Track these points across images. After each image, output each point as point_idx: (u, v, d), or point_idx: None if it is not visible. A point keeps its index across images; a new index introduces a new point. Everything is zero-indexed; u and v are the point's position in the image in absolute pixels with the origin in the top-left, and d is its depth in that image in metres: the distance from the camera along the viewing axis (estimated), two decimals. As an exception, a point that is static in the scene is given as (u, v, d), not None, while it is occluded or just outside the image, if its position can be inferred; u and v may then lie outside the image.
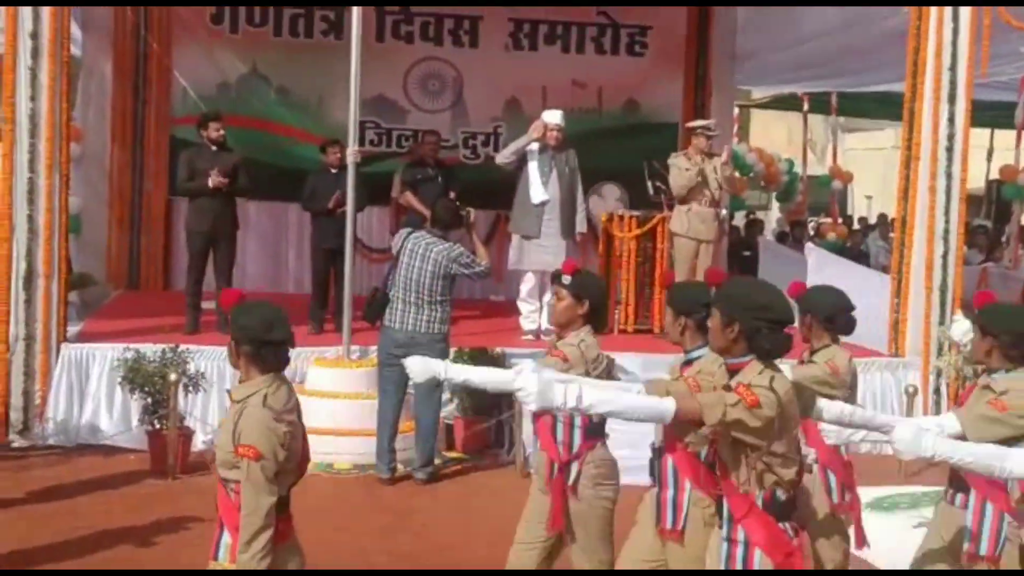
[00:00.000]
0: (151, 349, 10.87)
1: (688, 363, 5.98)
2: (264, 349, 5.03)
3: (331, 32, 16.06)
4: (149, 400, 10.62)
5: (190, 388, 10.65)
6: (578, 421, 6.31)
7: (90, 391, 11.15)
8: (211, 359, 11.20)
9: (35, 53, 10.79)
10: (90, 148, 15.49)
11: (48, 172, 10.85)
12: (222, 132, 12.35)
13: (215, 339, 11.36)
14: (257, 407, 4.91)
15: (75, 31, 13.82)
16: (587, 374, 6.19)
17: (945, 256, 12.18)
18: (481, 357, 11.27)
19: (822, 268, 14.34)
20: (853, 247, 21.27)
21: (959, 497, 6.00)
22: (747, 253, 18.79)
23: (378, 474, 10.31)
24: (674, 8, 16.83)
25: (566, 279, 6.51)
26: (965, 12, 11.97)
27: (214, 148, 12.33)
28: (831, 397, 6.34)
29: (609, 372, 6.47)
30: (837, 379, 6.64)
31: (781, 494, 4.91)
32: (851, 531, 6.90)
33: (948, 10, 11.97)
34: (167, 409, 10.41)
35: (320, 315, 12.76)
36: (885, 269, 14.76)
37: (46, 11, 10.80)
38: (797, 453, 5.02)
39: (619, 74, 16.89)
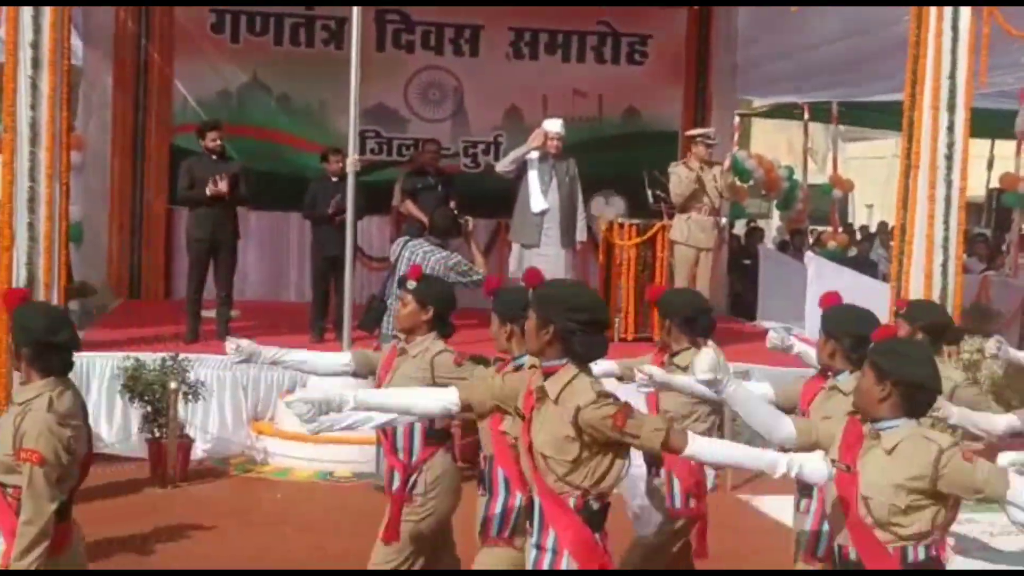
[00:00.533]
0: (151, 357, 10.89)
1: (517, 368, 5.87)
2: (47, 352, 5.00)
3: (332, 41, 16.09)
4: (149, 408, 10.64)
5: (190, 397, 10.66)
6: (418, 427, 6.28)
7: (90, 399, 11.10)
8: (211, 368, 11.22)
9: (35, 63, 10.79)
10: (91, 157, 15.51)
11: (48, 181, 10.85)
12: (218, 142, 12.35)
13: (215, 348, 11.34)
14: (41, 411, 4.89)
15: (76, 41, 13.85)
16: (433, 382, 6.21)
17: (945, 264, 12.16)
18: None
19: (822, 276, 14.34)
20: (860, 256, 21.21)
21: (803, 503, 6.07)
22: (747, 261, 18.79)
23: (378, 482, 10.30)
24: (674, 17, 16.87)
25: (411, 284, 6.51)
26: (964, 20, 11.96)
27: (214, 157, 12.35)
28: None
29: None
30: None
31: (594, 502, 4.87)
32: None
33: (947, 19, 11.96)
34: (167, 418, 10.42)
35: (320, 323, 12.77)
36: (885, 277, 14.75)
37: (46, 21, 10.81)
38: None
39: (619, 83, 16.92)
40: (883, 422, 4.83)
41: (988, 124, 19.01)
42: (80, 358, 11.05)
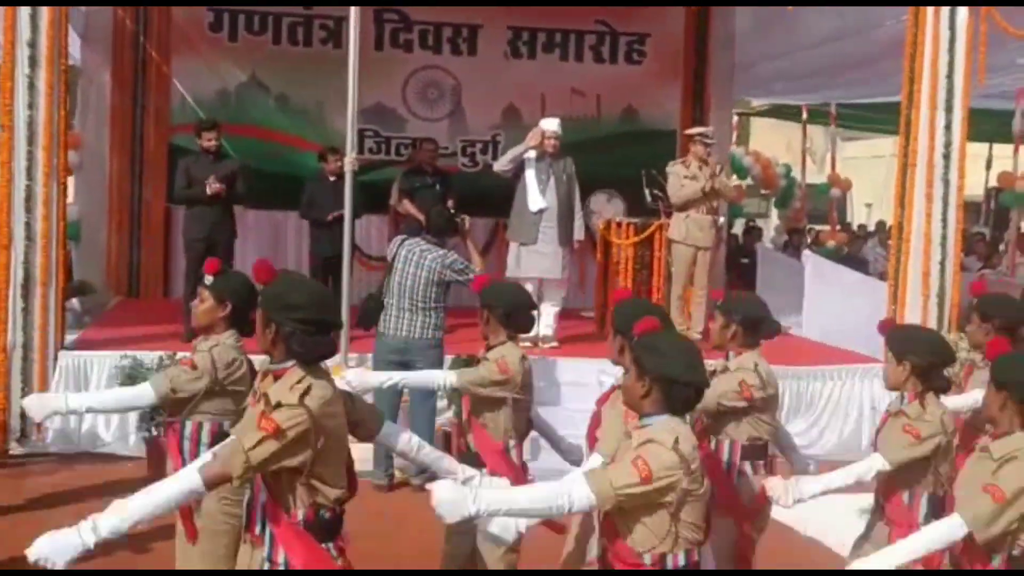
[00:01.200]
0: (149, 356, 10.90)
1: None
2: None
3: (330, 40, 16.09)
4: (146, 408, 10.62)
5: (186, 395, 10.64)
6: (205, 435, 6.07)
7: (89, 399, 11.15)
8: (209, 366, 11.20)
9: (32, 62, 10.80)
10: (89, 156, 15.53)
11: (46, 180, 10.85)
12: (214, 142, 12.34)
13: (213, 346, 11.35)
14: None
15: (74, 40, 13.85)
16: (218, 380, 6.01)
17: (942, 263, 12.19)
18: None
19: (819, 275, 14.37)
20: (851, 254, 21.26)
21: None
22: (745, 260, 18.81)
23: (376, 481, 10.32)
24: (672, 16, 16.89)
25: (208, 279, 6.11)
26: (962, 19, 11.99)
27: (211, 156, 12.35)
28: (500, 397, 6.61)
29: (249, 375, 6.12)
30: (506, 377, 6.64)
31: (325, 513, 4.75)
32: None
33: (945, 18, 11.99)
34: (164, 416, 10.41)
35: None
36: (883, 276, 14.77)
37: (43, 20, 10.82)
38: (347, 471, 4.83)
39: (617, 82, 16.93)
40: (645, 418, 4.70)
41: (986, 126, 19.03)
42: (78, 357, 11.17)
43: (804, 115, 23.82)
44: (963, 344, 11.80)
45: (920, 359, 5.76)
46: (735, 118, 23.07)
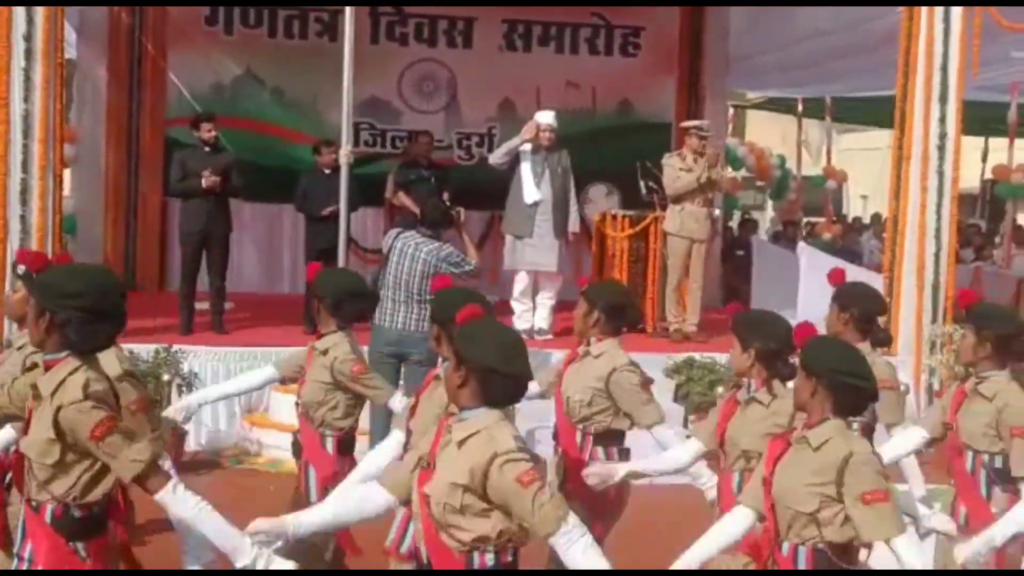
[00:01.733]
0: (145, 349, 10.91)
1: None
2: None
3: (325, 34, 16.09)
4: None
5: (183, 388, 10.68)
6: None
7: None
8: (205, 360, 11.25)
9: (28, 55, 10.84)
10: (85, 149, 15.55)
11: (41, 173, 10.88)
12: (213, 133, 12.37)
13: (209, 339, 11.41)
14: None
15: (70, 33, 13.86)
16: None
17: (937, 254, 12.22)
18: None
19: (814, 267, 14.37)
20: (845, 246, 21.25)
21: None
22: (740, 253, 18.82)
23: (370, 475, 10.33)
24: (667, 9, 16.88)
25: (21, 269, 5.65)
26: (956, 12, 12.02)
27: (207, 149, 12.36)
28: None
29: None
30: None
31: (76, 511, 4.54)
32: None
33: (939, 10, 12.02)
34: (161, 408, 10.43)
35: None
36: (879, 268, 14.79)
37: (39, 14, 10.84)
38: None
39: (613, 75, 16.94)
40: (464, 411, 4.46)
41: (981, 119, 19.05)
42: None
43: (800, 107, 23.84)
44: (956, 335, 11.86)
45: (764, 345, 5.64)
46: (730, 111, 23.11)
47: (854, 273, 14.39)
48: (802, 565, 4.71)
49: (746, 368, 5.71)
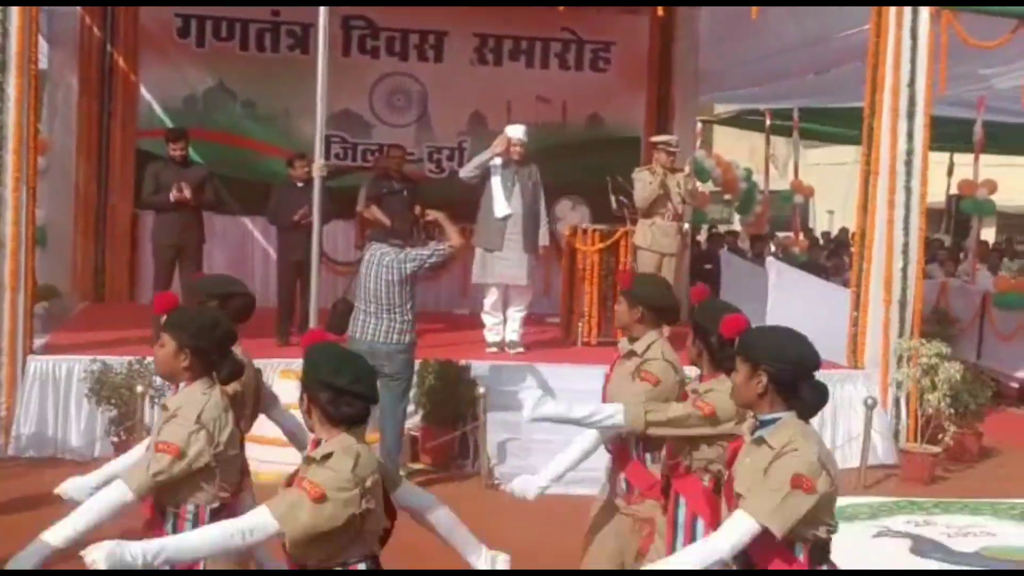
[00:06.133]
0: (117, 361, 10.94)
1: None
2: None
3: (297, 47, 16.15)
4: (116, 412, 10.69)
5: (157, 400, 10.68)
6: None
7: (58, 403, 11.17)
8: (178, 371, 11.23)
9: (2, 66, 10.86)
10: (56, 160, 15.49)
11: (15, 184, 10.89)
12: (180, 152, 12.43)
13: (181, 351, 11.37)
14: None
15: (41, 44, 13.84)
16: None
17: (905, 269, 12.32)
18: (447, 369, 11.39)
19: (783, 281, 14.48)
20: (811, 261, 21.23)
21: None
22: (708, 266, 18.93)
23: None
24: (637, 25, 17.02)
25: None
26: (923, 28, 12.14)
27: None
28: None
29: None
30: None
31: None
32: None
33: (907, 26, 12.13)
34: (134, 421, 10.46)
35: (286, 327, 12.79)
36: (845, 283, 14.91)
37: (14, 25, 10.85)
38: None
39: (583, 89, 17.05)
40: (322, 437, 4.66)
41: (947, 134, 19.20)
42: (47, 362, 11.17)
43: (768, 122, 23.97)
44: (923, 350, 11.99)
45: (653, 302, 6.27)
46: (699, 126, 23.20)
47: (822, 288, 14.60)
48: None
49: (632, 321, 6.41)
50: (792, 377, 4.65)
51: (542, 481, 6.19)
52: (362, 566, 4.57)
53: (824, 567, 4.65)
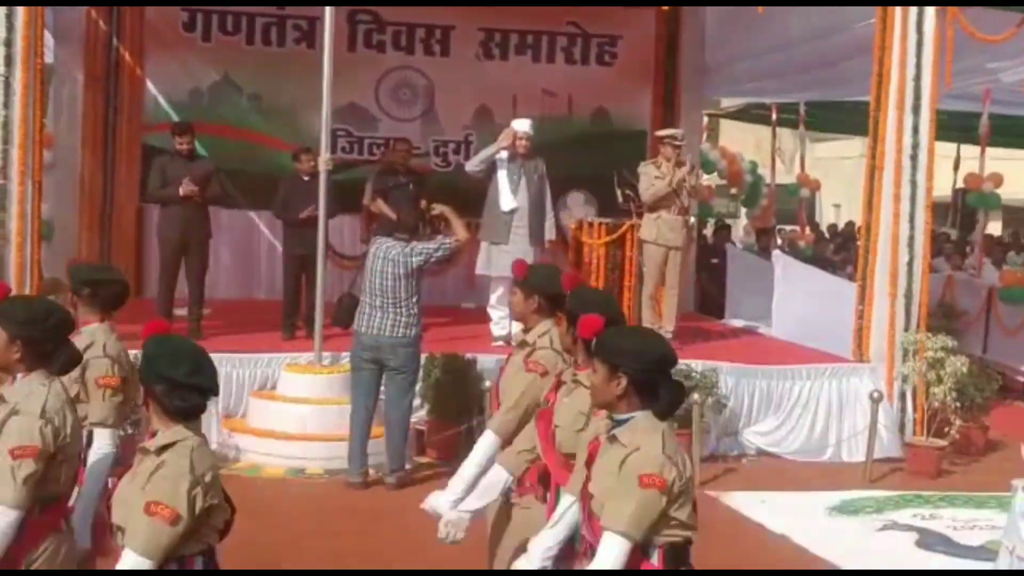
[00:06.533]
0: (125, 355, 10.92)
1: None
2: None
3: (303, 41, 16.13)
4: (124, 403, 10.68)
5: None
6: None
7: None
8: (183, 365, 11.23)
9: (8, 61, 10.84)
10: (61, 154, 15.50)
11: (21, 179, 10.89)
12: (185, 146, 12.45)
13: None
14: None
15: (47, 38, 13.86)
16: None
17: (910, 263, 12.31)
18: (453, 362, 11.40)
19: (789, 275, 14.49)
20: (817, 255, 21.19)
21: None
22: (715, 260, 18.92)
23: (350, 479, 10.39)
24: (643, 18, 17.00)
25: None
26: (929, 23, 12.13)
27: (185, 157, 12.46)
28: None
29: None
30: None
31: None
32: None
33: (912, 21, 12.12)
34: (138, 415, 10.45)
35: (292, 321, 12.81)
36: (850, 276, 14.90)
37: (20, 19, 10.85)
38: None
39: (589, 83, 17.04)
40: (160, 433, 4.53)
41: (954, 127, 19.18)
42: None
43: (774, 116, 23.93)
44: (929, 343, 11.98)
45: (548, 291, 6.14)
46: (705, 119, 23.20)
47: (828, 282, 14.60)
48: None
49: (528, 312, 6.30)
50: (651, 378, 4.64)
51: (450, 495, 6.12)
52: (199, 560, 4.51)
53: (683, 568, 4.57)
